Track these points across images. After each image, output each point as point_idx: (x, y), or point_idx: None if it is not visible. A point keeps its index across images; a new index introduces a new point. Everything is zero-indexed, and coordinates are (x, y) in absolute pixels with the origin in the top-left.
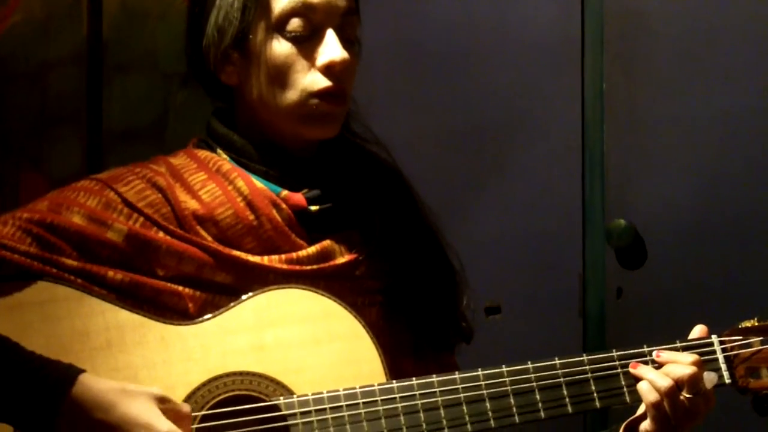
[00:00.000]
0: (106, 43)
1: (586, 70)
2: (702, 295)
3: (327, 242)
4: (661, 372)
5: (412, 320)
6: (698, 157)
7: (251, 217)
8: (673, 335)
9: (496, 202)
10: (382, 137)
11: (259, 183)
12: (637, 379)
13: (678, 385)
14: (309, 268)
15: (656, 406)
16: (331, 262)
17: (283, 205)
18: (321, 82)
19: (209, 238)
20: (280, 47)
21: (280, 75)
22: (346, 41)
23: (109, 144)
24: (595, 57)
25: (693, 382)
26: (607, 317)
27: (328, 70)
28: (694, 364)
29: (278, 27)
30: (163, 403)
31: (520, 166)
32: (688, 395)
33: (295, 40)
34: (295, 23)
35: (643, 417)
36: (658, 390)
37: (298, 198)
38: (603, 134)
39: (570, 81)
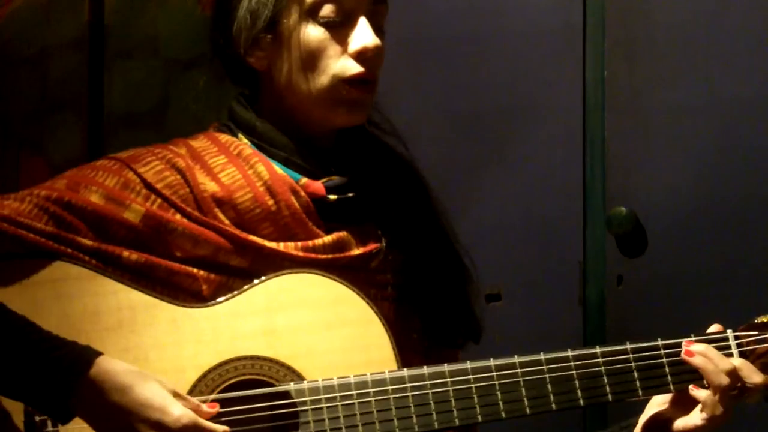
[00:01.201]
0: (108, 29)
1: (587, 57)
2: (702, 283)
3: (343, 233)
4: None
5: (422, 316)
6: (699, 145)
7: (270, 202)
8: (674, 322)
9: (496, 188)
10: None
11: (279, 169)
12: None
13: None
14: (324, 257)
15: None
16: (346, 253)
17: (302, 193)
18: (353, 68)
19: (227, 222)
20: (313, 32)
21: (312, 60)
22: (375, 29)
23: (109, 129)
24: (597, 43)
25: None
26: (608, 305)
27: (360, 56)
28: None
29: (311, 12)
30: (175, 396)
31: (520, 152)
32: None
33: (327, 25)
34: (328, 9)
35: (660, 414)
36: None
37: (317, 186)
38: (604, 121)
39: (571, 67)
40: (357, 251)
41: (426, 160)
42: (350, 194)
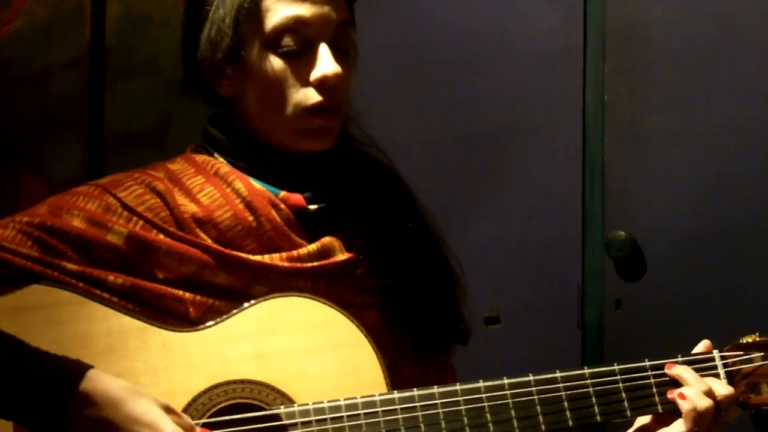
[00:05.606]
0: (109, 49)
1: (587, 80)
2: (701, 307)
3: (327, 239)
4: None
5: (410, 320)
6: (698, 169)
7: (250, 218)
8: (672, 347)
9: (495, 211)
10: (381, 143)
11: (257, 184)
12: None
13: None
14: (310, 265)
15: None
16: (332, 260)
17: (282, 206)
18: (314, 97)
19: (209, 241)
20: (273, 63)
21: (274, 90)
22: (340, 52)
23: (109, 148)
24: (597, 67)
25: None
26: (606, 329)
27: (321, 85)
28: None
29: (271, 43)
30: (167, 412)
31: (520, 175)
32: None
33: (287, 55)
34: (288, 39)
35: (643, 427)
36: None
37: (297, 198)
38: (604, 145)
39: (571, 91)
40: (342, 257)
41: (425, 182)
42: (331, 203)
